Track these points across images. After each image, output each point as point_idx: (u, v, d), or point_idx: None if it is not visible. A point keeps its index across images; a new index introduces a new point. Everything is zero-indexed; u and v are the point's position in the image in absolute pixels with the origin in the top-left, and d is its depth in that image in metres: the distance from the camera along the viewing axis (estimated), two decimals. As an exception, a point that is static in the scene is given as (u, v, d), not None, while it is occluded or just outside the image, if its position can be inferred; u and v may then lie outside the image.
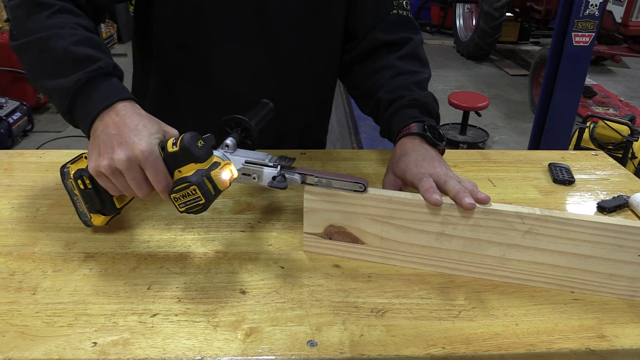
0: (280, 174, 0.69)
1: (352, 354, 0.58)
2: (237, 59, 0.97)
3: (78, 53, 0.73)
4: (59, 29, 0.75)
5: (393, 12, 1.01)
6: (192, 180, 0.64)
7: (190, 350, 0.57)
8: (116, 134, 0.67)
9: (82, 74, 0.71)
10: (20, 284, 0.67)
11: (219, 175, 0.66)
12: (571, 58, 2.79)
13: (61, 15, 0.78)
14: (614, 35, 4.53)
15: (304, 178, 0.69)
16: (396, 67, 0.98)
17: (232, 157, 0.70)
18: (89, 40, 0.76)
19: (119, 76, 0.76)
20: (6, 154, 1.01)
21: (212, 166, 0.66)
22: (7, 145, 3.43)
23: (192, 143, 0.65)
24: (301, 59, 1.01)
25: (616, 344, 0.61)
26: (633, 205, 0.88)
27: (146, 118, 0.70)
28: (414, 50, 1.00)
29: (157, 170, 0.67)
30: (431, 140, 0.83)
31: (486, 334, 0.61)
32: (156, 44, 0.99)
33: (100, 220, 0.76)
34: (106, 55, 0.76)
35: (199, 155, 0.65)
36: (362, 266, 0.73)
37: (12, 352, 0.56)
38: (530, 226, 0.66)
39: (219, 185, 0.66)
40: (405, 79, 0.95)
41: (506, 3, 5.66)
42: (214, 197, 0.66)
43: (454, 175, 0.75)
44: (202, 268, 0.71)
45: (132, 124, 0.68)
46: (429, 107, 0.90)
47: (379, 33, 1.01)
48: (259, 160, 0.70)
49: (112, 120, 0.69)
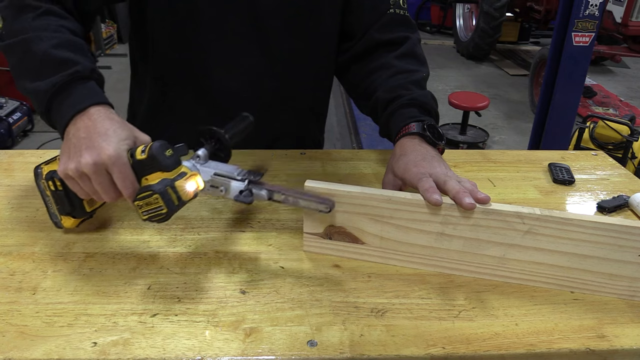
0: (247, 189, 0.68)
1: (352, 354, 0.58)
2: (232, 61, 0.97)
3: (56, 56, 0.74)
4: (41, 32, 0.76)
5: (389, 11, 1.00)
6: (156, 189, 0.64)
7: (190, 350, 0.57)
8: (86, 137, 0.68)
9: (59, 77, 0.72)
10: (20, 284, 0.67)
11: (184, 185, 0.65)
12: (571, 58, 2.79)
13: (46, 18, 0.79)
14: (614, 35, 4.53)
15: (270, 194, 0.68)
16: (394, 66, 0.97)
17: (202, 168, 0.69)
18: (69, 44, 0.77)
19: (97, 80, 0.76)
20: (6, 154, 1.01)
21: (179, 176, 0.66)
22: (7, 145, 3.43)
23: (160, 152, 0.66)
24: (297, 60, 1.01)
25: (616, 344, 0.61)
26: (633, 205, 0.88)
27: (117, 123, 0.70)
28: (411, 49, 1.00)
29: (124, 176, 0.66)
30: (430, 140, 0.83)
31: (486, 334, 0.61)
32: (151, 47, 0.99)
33: (70, 223, 0.76)
34: (86, 59, 0.76)
35: (166, 164, 0.65)
36: (362, 266, 0.73)
37: (12, 352, 0.56)
38: (530, 226, 0.66)
39: (182, 196, 0.65)
40: (404, 78, 0.94)
41: (506, 3, 5.66)
42: (178, 208, 0.66)
43: (454, 175, 0.75)
44: (202, 268, 0.71)
45: (102, 128, 0.68)
46: (428, 106, 0.90)
47: (375, 32, 1.00)
48: (227, 173, 0.68)
49: (84, 124, 0.69)
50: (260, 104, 0.99)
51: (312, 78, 1.06)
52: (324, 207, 0.64)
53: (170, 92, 1.02)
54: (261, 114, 1.01)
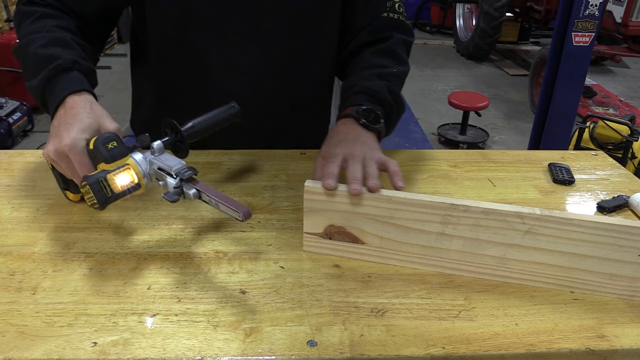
0: (179, 187, 0.69)
1: (352, 354, 0.58)
2: (232, 61, 0.97)
3: (43, 54, 0.80)
4: (35, 34, 0.83)
5: (383, 15, 1.00)
6: (88, 180, 0.67)
7: (190, 350, 0.57)
8: (57, 126, 0.74)
9: (45, 73, 0.78)
10: (20, 284, 0.67)
11: (114, 179, 0.68)
12: (571, 58, 2.79)
13: (42, 21, 0.85)
14: (614, 35, 4.53)
15: (199, 194, 0.69)
16: (365, 60, 0.98)
17: (153, 160, 0.71)
18: (56, 41, 0.82)
19: (81, 69, 0.80)
20: (6, 154, 1.01)
21: (117, 169, 0.68)
22: (7, 145, 3.43)
23: (101, 144, 0.69)
24: (297, 60, 1.01)
25: (616, 344, 0.61)
26: (633, 205, 0.88)
27: (85, 113, 0.74)
28: (389, 46, 1.00)
29: (79, 163, 0.71)
30: (364, 124, 0.84)
31: (486, 334, 0.61)
32: (152, 47, 0.99)
33: (72, 196, 0.84)
34: (71, 52, 0.81)
35: (105, 156, 0.69)
36: (362, 266, 0.73)
37: (12, 352, 0.56)
38: (530, 226, 0.66)
39: (113, 188, 0.67)
40: (370, 72, 0.95)
41: (506, 3, 5.66)
42: (112, 199, 0.68)
43: (376, 157, 0.77)
44: (202, 268, 0.71)
45: (69, 117, 0.74)
46: (380, 96, 0.90)
47: (364, 35, 1.01)
48: (167, 169, 0.70)
49: (59, 114, 0.75)
50: (261, 104, 0.99)
51: (312, 78, 1.06)
52: (237, 215, 0.64)
53: (171, 92, 1.02)
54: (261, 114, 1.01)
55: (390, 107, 0.92)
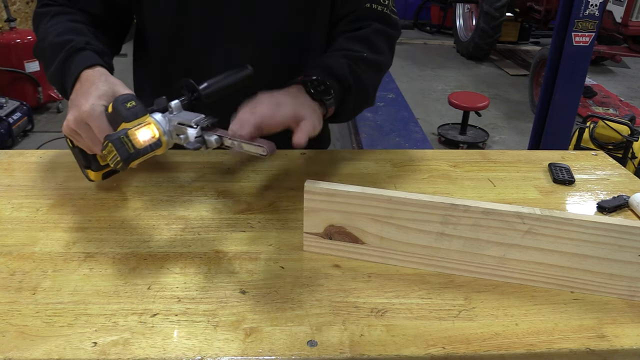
0: (200, 135, 0.71)
1: (352, 354, 0.58)
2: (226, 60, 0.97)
3: (58, 42, 0.83)
4: (50, 29, 0.87)
5: (366, 5, 0.97)
6: (109, 138, 0.68)
7: (190, 350, 0.57)
8: (74, 98, 0.76)
9: (61, 56, 0.81)
10: (20, 284, 0.67)
11: (135, 133, 0.68)
12: (571, 58, 2.79)
13: (56, 17, 0.89)
14: (614, 35, 4.53)
15: (221, 140, 0.72)
16: (337, 44, 0.96)
17: (172, 118, 0.73)
18: (69, 29, 0.86)
19: (94, 49, 0.82)
20: (6, 154, 1.01)
21: (137, 126, 0.69)
22: (7, 145, 3.43)
23: (120, 104, 0.71)
24: (292, 57, 1.00)
25: (616, 344, 0.61)
26: (633, 205, 0.88)
27: (101, 82, 0.76)
28: (365, 34, 0.96)
29: (99, 128, 0.72)
30: (309, 91, 0.82)
31: (486, 334, 0.61)
32: (150, 44, 1.00)
33: (93, 175, 0.85)
34: (83, 36, 0.84)
35: (125, 115, 0.70)
36: (362, 266, 0.73)
37: (12, 352, 0.56)
38: (530, 226, 0.66)
39: (135, 143, 0.68)
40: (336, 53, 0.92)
41: (506, 3, 5.67)
42: (134, 156, 0.68)
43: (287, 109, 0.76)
44: (202, 268, 0.71)
45: (85, 88, 0.76)
46: (337, 72, 0.87)
47: (343, 24, 0.99)
48: (186, 122, 0.72)
49: (76, 88, 0.78)
50: None
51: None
52: (262, 150, 0.67)
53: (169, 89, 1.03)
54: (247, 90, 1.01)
55: (348, 86, 0.88)
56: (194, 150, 0.72)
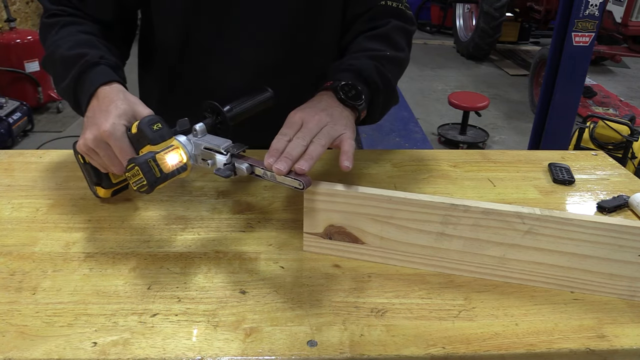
0: (230, 162, 0.70)
1: (352, 354, 0.58)
2: (235, 60, 0.97)
3: (70, 55, 0.81)
4: (60, 41, 0.84)
5: (381, 2, 0.97)
6: (136, 161, 0.66)
7: (190, 350, 0.57)
8: (92, 116, 0.75)
9: (75, 71, 0.79)
10: (20, 284, 0.67)
11: (164, 158, 0.68)
12: (571, 58, 2.79)
13: (65, 28, 0.87)
14: (614, 35, 4.53)
15: (252, 169, 0.70)
16: (358, 44, 0.95)
17: (197, 141, 0.72)
18: (81, 42, 0.84)
19: (109, 64, 0.81)
20: (6, 154, 1.01)
21: (165, 149, 0.68)
22: (7, 145, 3.44)
23: (147, 126, 0.70)
24: (301, 56, 1.00)
25: (616, 344, 0.61)
26: (633, 205, 0.88)
27: (120, 100, 0.75)
28: (385, 32, 0.96)
29: (120, 148, 0.71)
30: (340, 97, 0.81)
31: (486, 334, 0.61)
32: (156, 46, 0.99)
33: (103, 193, 0.83)
34: (96, 50, 0.82)
35: (152, 137, 0.69)
36: (362, 266, 0.73)
37: (12, 352, 0.56)
38: (530, 226, 0.66)
39: (163, 168, 0.67)
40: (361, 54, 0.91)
41: (506, 3, 5.66)
42: (161, 180, 0.68)
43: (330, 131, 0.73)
44: (202, 268, 0.71)
45: (104, 106, 0.74)
46: (365, 74, 0.86)
47: (360, 23, 0.98)
48: (215, 147, 0.71)
49: (93, 105, 0.76)
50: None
51: (317, 74, 1.06)
52: (298, 184, 0.66)
53: (177, 93, 1.03)
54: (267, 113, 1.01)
55: (376, 88, 0.87)
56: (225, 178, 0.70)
